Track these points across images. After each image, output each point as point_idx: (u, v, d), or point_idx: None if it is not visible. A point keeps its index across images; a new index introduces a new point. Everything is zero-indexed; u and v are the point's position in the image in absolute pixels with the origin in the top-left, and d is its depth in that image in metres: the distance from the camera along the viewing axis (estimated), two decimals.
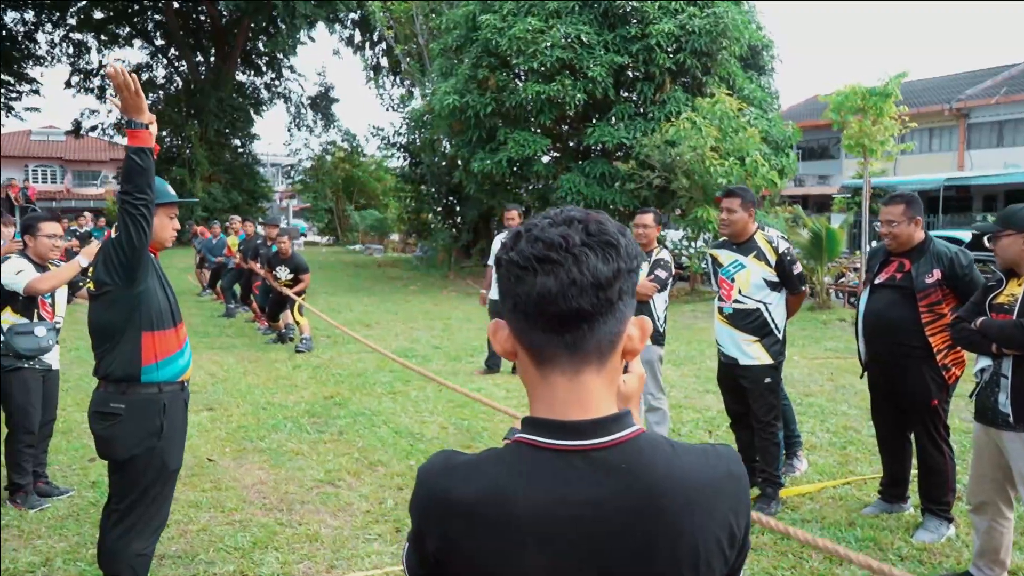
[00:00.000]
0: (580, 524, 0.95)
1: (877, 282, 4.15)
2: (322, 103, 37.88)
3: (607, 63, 14.98)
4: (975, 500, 3.50)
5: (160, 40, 35.04)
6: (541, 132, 16.07)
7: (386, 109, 47.73)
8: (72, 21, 32.95)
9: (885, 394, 4.23)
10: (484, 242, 19.98)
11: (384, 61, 32.23)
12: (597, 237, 0.98)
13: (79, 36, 33.72)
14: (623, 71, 15.70)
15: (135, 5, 32.62)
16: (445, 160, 20.67)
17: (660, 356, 5.26)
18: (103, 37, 33.66)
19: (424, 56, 20.89)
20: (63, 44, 33.92)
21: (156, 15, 34.02)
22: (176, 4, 33.23)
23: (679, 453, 1.00)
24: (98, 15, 32.64)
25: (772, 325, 4.38)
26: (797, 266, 4.44)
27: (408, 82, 25.87)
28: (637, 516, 0.95)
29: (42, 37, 33.72)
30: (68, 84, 34.22)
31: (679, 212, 14.52)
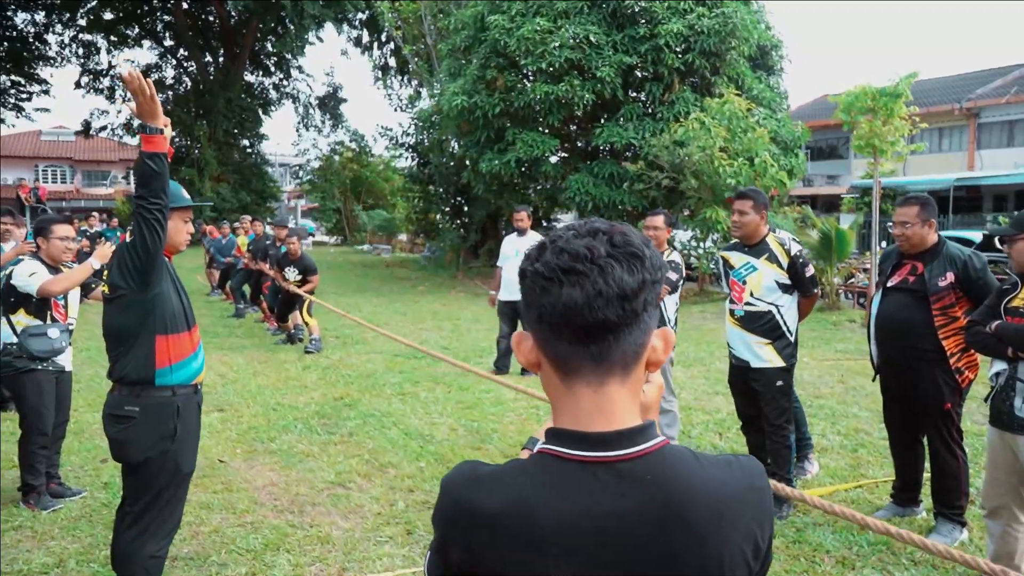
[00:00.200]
0: (604, 535, 0.95)
1: (889, 285, 4.13)
2: (330, 103, 37.95)
3: (616, 63, 14.96)
4: (989, 505, 3.49)
5: (169, 41, 35.16)
6: (549, 132, 16.06)
7: (394, 109, 47.84)
8: (82, 22, 33.10)
9: (897, 397, 4.21)
10: (492, 242, 19.99)
11: (392, 61, 32.24)
12: (622, 248, 0.98)
13: (89, 37, 33.87)
14: (632, 71, 15.68)
15: (144, 6, 32.74)
16: (453, 160, 20.68)
17: (671, 358, 5.25)
18: (112, 38, 33.78)
19: (432, 56, 20.90)
20: (73, 45, 34.10)
21: (165, 16, 34.16)
22: (185, 5, 33.35)
23: (703, 464, 1.00)
24: (108, 16, 32.76)
25: (784, 328, 4.36)
26: (809, 268, 4.42)
27: (416, 82, 25.87)
28: (662, 528, 0.95)
29: (52, 38, 33.84)
30: (78, 84, 34.37)
31: (688, 213, 14.50)
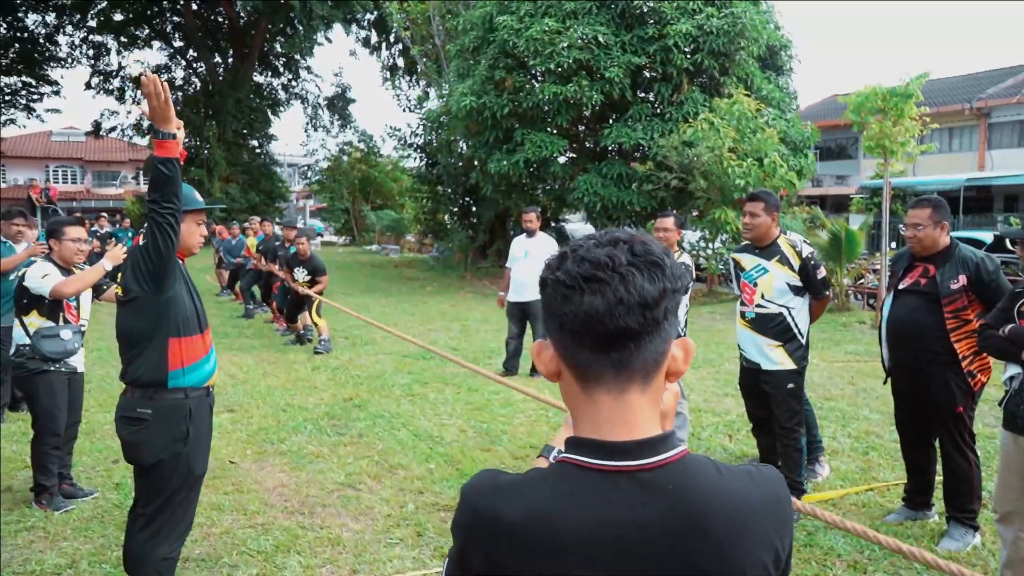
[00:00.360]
0: (625, 545, 0.95)
1: (901, 287, 4.11)
2: (339, 104, 38.07)
3: (624, 64, 14.93)
4: (1002, 509, 3.46)
5: (179, 42, 35.34)
6: (558, 133, 16.04)
7: (403, 110, 48.03)
8: (92, 23, 33.27)
9: (909, 400, 4.19)
10: (501, 243, 20.00)
11: (401, 62, 32.33)
12: (643, 257, 0.99)
13: (99, 38, 34.05)
14: (640, 72, 15.65)
15: (154, 7, 32.92)
16: (462, 161, 20.70)
17: None
18: (123, 39, 33.97)
19: (441, 57, 20.91)
20: (83, 46, 34.28)
21: (175, 17, 34.33)
22: (195, 6, 33.49)
23: (724, 475, 1.00)
24: (118, 17, 32.96)
25: (795, 330, 4.35)
26: (821, 271, 4.40)
27: (425, 83, 25.89)
28: (683, 538, 0.95)
29: (63, 39, 34.04)
30: (88, 85, 34.55)
31: (697, 213, 14.46)
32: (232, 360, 8.86)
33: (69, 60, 34.25)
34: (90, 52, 34.33)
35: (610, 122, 15.90)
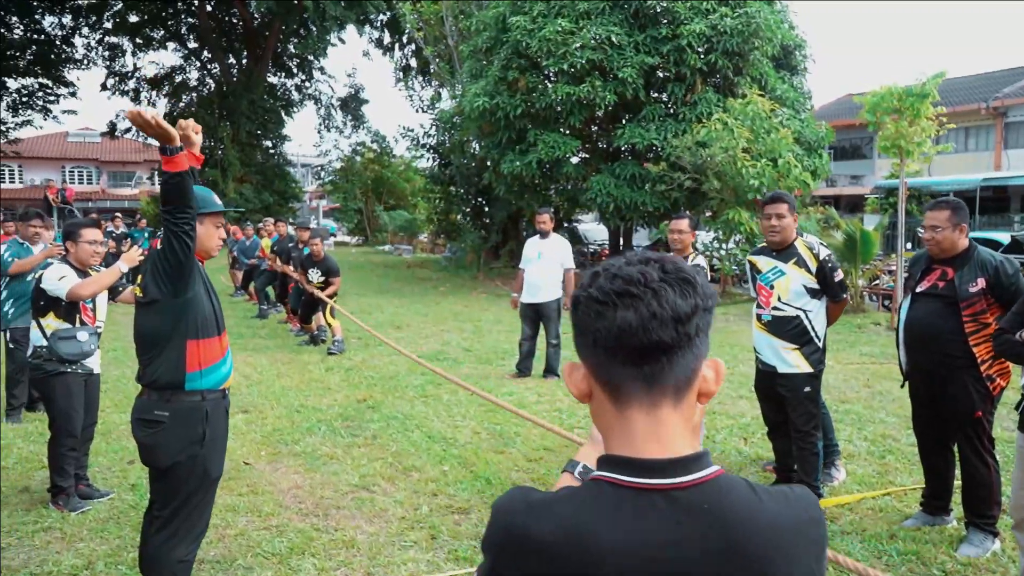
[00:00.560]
0: (660, 565, 0.95)
1: (919, 290, 4.07)
2: (352, 104, 38.17)
3: (637, 64, 14.89)
4: (1018, 516, 3.42)
5: (193, 43, 35.51)
6: (571, 133, 16.01)
7: (415, 110, 48.10)
8: (108, 25, 33.50)
9: (927, 404, 4.14)
10: (513, 243, 20.00)
11: (413, 62, 32.39)
12: (674, 274, 1.00)
13: (115, 39, 34.25)
14: (653, 72, 15.60)
15: (169, 9, 33.11)
16: (474, 161, 20.70)
17: None
18: (138, 40, 34.18)
19: (454, 57, 20.93)
20: (99, 47, 34.48)
21: (189, 18, 34.51)
22: (209, 7, 33.66)
23: (760, 496, 1.00)
24: (133, 19, 33.17)
25: (812, 333, 4.32)
26: (838, 273, 4.37)
27: (437, 83, 25.93)
28: (719, 559, 0.95)
29: (79, 41, 34.27)
30: (104, 86, 34.79)
31: (710, 214, 14.41)
32: (246, 361, 8.89)
33: (85, 61, 34.47)
34: (106, 53, 34.56)
35: (623, 122, 15.86)
